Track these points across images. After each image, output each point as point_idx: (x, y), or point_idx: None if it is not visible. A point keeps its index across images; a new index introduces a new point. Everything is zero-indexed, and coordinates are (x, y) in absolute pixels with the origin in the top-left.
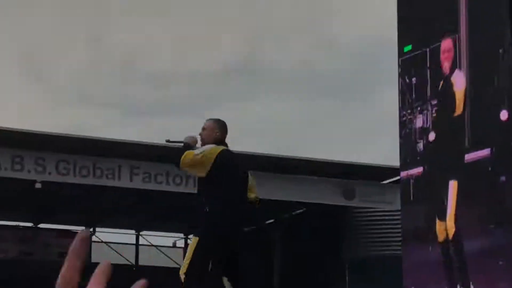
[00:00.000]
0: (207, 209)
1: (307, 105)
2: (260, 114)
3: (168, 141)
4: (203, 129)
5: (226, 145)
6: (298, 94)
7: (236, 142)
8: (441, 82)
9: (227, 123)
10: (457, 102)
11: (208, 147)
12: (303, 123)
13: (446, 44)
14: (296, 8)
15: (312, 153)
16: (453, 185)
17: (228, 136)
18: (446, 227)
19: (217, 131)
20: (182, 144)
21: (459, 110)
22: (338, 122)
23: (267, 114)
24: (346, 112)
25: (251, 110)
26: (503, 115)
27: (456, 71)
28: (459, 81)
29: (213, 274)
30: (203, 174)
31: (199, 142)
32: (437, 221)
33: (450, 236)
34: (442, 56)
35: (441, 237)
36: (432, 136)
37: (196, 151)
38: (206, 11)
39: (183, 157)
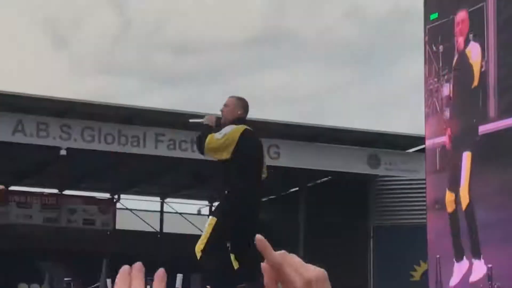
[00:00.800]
0: (227, 192)
1: (331, 73)
2: (284, 81)
3: (190, 121)
4: (225, 105)
5: (247, 124)
6: (322, 62)
7: (260, 110)
8: (456, 56)
9: (248, 100)
10: (474, 74)
11: (229, 128)
12: (327, 91)
13: (461, 16)
14: None
15: (336, 121)
16: (467, 156)
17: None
18: (459, 197)
19: (239, 109)
20: (202, 122)
21: (475, 82)
22: (362, 90)
23: (291, 81)
24: (370, 81)
25: (274, 78)
26: None
27: (472, 43)
28: (474, 53)
29: (227, 254)
30: (227, 156)
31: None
32: (447, 191)
33: (464, 206)
34: (456, 29)
35: (450, 207)
36: (449, 109)
37: (217, 135)
38: None
39: (206, 144)
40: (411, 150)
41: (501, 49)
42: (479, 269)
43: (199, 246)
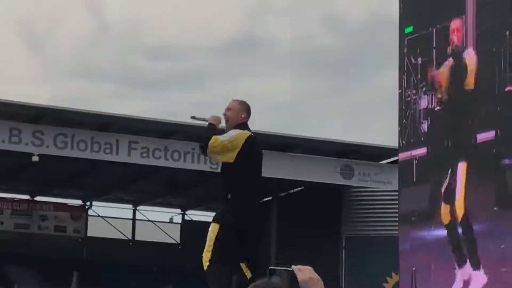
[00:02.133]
0: (229, 196)
1: (306, 82)
2: (258, 89)
3: (193, 117)
4: (228, 109)
5: (249, 128)
6: (297, 71)
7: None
8: (451, 59)
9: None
10: (469, 79)
11: (234, 132)
12: (302, 100)
13: (456, 23)
14: None
15: (310, 131)
16: (462, 167)
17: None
18: (454, 209)
19: (243, 113)
20: (205, 119)
21: (470, 87)
22: (337, 100)
23: (266, 89)
24: (345, 90)
25: (250, 86)
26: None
27: (469, 49)
28: (470, 59)
29: (235, 261)
30: (231, 160)
31: (223, 123)
32: (442, 204)
33: (459, 218)
34: (451, 35)
35: (446, 219)
36: (437, 116)
37: (223, 138)
38: None
39: (210, 144)
40: (384, 162)
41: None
42: (479, 279)
43: (206, 255)
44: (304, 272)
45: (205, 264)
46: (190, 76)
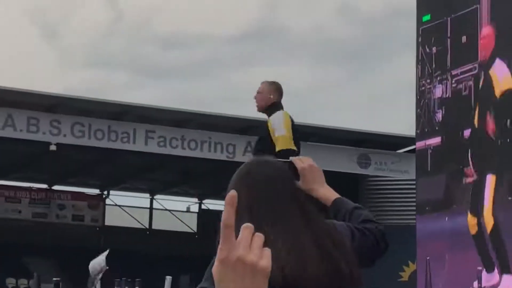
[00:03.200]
0: None
1: (322, 71)
2: (273, 78)
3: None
4: (258, 92)
5: (282, 107)
6: (313, 60)
7: (249, 107)
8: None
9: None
10: (498, 92)
11: (281, 119)
12: (318, 89)
13: (486, 30)
14: None
15: (327, 120)
16: (490, 179)
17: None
18: (482, 221)
19: (272, 94)
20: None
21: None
22: (354, 89)
23: (281, 79)
24: (360, 80)
25: (264, 75)
26: None
27: (497, 61)
28: (499, 73)
29: None
30: (293, 147)
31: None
32: (469, 215)
33: (488, 230)
34: (481, 42)
35: (473, 230)
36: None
37: (279, 131)
38: None
39: (279, 143)
40: (401, 151)
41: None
42: (509, 284)
43: None
44: (303, 160)
45: None
46: (204, 65)
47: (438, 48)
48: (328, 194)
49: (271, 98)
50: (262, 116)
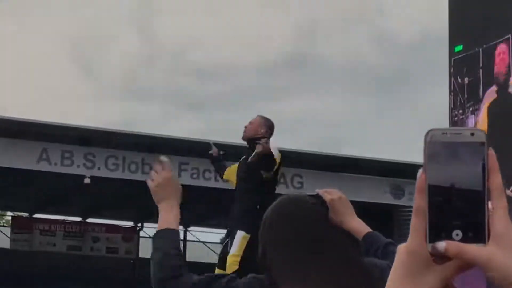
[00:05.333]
0: (258, 207)
1: (356, 101)
2: (308, 108)
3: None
4: (250, 122)
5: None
6: (347, 89)
7: (284, 137)
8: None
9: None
10: None
11: (276, 151)
12: (351, 119)
13: (501, 48)
14: (348, 1)
15: (360, 150)
16: None
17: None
18: None
19: (263, 128)
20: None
21: None
22: (386, 119)
23: (315, 108)
24: (395, 109)
25: (299, 105)
26: None
27: None
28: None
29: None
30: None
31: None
32: None
33: None
34: (496, 60)
35: None
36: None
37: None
38: (257, 2)
39: (273, 160)
40: None
41: None
42: None
43: (233, 261)
44: (331, 193)
45: (233, 267)
46: (239, 95)
47: (470, 79)
48: (359, 227)
49: (260, 132)
50: (294, 146)
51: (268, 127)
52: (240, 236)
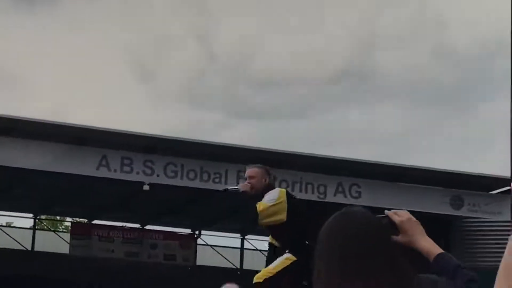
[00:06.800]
0: (287, 252)
1: (415, 112)
2: (367, 119)
3: (225, 190)
4: (251, 177)
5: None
6: (407, 100)
7: (343, 148)
8: None
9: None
10: None
11: (276, 192)
12: (411, 130)
13: None
14: (408, 14)
15: (419, 160)
16: None
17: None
18: None
19: (265, 177)
20: (238, 189)
21: None
22: (447, 129)
23: (374, 119)
24: (455, 120)
25: (358, 115)
26: None
27: None
28: None
29: None
30: (284, 218)
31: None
32: None
33: None
34: None
35: None
36: None
37: (268, 201)
38: (320, 13)
39: (260, 211)
40: (495, 192)
41: None
42: None
43: (262, 274)
44: (400, 214)
45: (256, 280)
46: (297, 105)
47: None
48: (429, 247)
49: (266, 182)
50: (352, 156)
51: (267, 173)
52: (284, 257)
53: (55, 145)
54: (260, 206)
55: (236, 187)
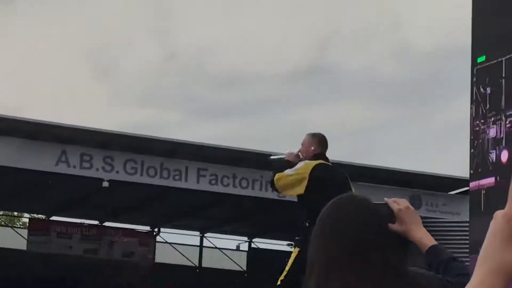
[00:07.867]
0: (307, 224)
1: (373, 111)
2: (325, 118)
3: (270, 158)
4: (302, 144)
5: (325, 158)
6: (365, 100)
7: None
8: None
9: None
10: None
11: (300, 165)
12: (369, 129)
13: None
14: (365, 13)
15: (377, 160)
16: None
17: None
18: None
19: (313, 145)
20: (284, 158)
21: None
22: (405, 129)
23: (332, 118)
24: (413, 120)
25: (315, 115)
26: None
27: None
28: None
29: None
30: (301, 191)
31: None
32: None
33: None
34: None
35: None
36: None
37: (288, 171)
38: (276, 12)
39: (276, 180)
40: (453, 192)
41: None
42: None
43: (281, 277)
44: (399, 202)
45: (278, 282)
46: (256, 105)
47: (493, 88)
48: (424, 239)
49: (312, 150)
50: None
51: (317, 142)
52: (294, 251)
53: (11, 139)
54: (278, 175)
55: (281, 156)
